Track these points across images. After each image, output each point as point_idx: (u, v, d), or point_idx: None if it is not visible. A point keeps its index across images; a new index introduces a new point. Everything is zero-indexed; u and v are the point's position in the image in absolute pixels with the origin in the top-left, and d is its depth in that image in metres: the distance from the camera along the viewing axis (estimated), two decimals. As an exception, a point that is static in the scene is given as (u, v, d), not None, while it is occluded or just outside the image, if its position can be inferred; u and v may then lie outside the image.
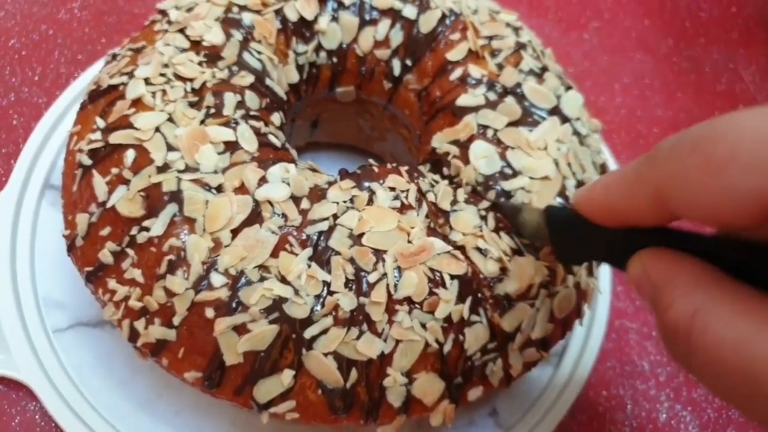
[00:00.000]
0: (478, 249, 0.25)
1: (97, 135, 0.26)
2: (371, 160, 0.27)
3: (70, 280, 0.32)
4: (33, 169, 0.34)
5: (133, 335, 0.25)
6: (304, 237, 0.24)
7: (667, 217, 0.18)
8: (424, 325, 0.23)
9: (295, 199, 0.25)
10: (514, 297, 0.24)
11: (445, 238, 0.25)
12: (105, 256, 0.25)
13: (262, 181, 0.25)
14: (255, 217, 0.24)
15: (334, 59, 0.32)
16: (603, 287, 0.34)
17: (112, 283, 0.25)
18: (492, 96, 0.29)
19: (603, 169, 0.30)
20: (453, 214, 0.25)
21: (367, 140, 0.37)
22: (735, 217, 0.16)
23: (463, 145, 0.27)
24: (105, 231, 0.25)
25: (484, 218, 0.25)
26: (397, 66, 0.32)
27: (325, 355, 0.23)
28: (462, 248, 0.25)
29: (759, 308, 0.15)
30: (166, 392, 0.30)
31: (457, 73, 0.30)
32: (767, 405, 0.15)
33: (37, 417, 0.29)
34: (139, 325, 0.24)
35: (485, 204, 0.26)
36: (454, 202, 0.26)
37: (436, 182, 0.27)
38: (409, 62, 0.31)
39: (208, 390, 0.24)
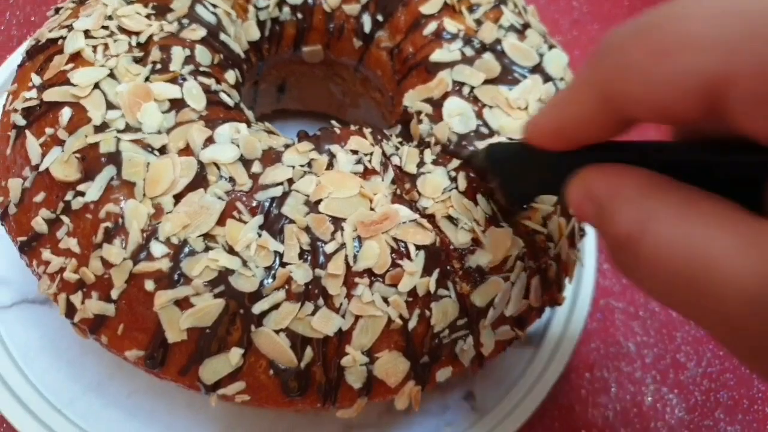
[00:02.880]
0: (449, 218, 0.22)
1: (33, 93, 0.24)
2: (333, 122, 0.25)
3: (15, 253, 0.29)
4: (-24, 135, 0.32)
5: (70, 310, 0.22)
6: (254, 203, 0.22)
7: (620, 121, 0.16)
8: (386, 300, 0.21)
9: (246, 162, 0.22)
10: (486, 270, 0.22)
11: (412, 205, 0.23)
12: (39, 224, 0.23)
13: (209, 141, 0.22)
14: (200, 181, 0.22)
15: (299, 15, 0.29)
16: (587, 263, 0.32)
17: (46, 254, 0.23)
18: (469, 51, 0.26)
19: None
20: (420, 177, 0.23)
21: (340, 107, 0.35)
22: (682, 107, 0.14)
23: (437, 103, 0.25)
24: (39, 197, 0.23)
25: (454, 179, 0.23)
26: (367, 22, 0.29)
27: (277, 332, 0.21)
28: (431, 217, 0.22)
29: (708, 208, 0.14)
30: (119, 373, 0.28)
31: (431, 27, 0.27)
32: (718, 308, 0.14)
33: (-24, 400, 0.27)
34: (76, 299, 0.22)
35: (455, 163, 0.23)
36: (421, 164, 0.23)
37: (402, 144, 0.24)
38: (380, 18, 0.29)
39: (150, 370, 0.22)
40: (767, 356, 0.14)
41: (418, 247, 0.21)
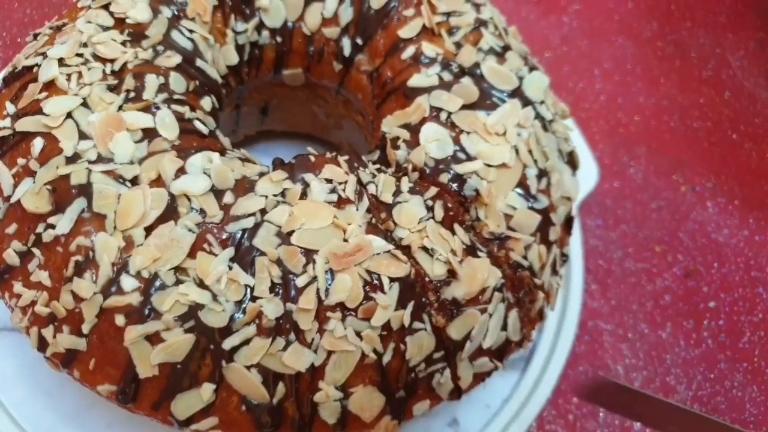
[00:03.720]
0: (425, 248, 0.22)
1: (6, 122, 0.24)
2: (309, 148, 0.25)
3: (-6, 281, 0.29)
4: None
5: (42, 344, 0.22)
6: (225, 235, 0.21)
7: None
8: (359, 334, 0.21)
9: (217, 193, 0.22)
10: (463, 302, 0.22)
11: (387, 236, 0.22)
12: (10, 256, 0.22)
13: (180, 172, 0.22)
14: (171, 213, 0.21)
15: (279, 39, 0.29)
16: (574, 284, 0.32)
17: (18, 287, 0.22)
18: (447, 76, 0.26)
19: (570, 157, 0.27)
20: (396, 206, 0.23)
21: (324, 128, 0.35)
22: None
23: (414, 129, 0.25)
24: (11, 228, 0.22)
25: (430, 209, 0.23)
26: (347, 45, 0.29)
27: (248, 367, 0.20)
28: (407, 248, 0.22)
29: None
30: (98, 403, 0.28)
31: (409, 51, 0.27)
32: None
33: (-48, 431, 0.27)
34: (47, 333, 0.22)
35: (432, 191, 0.23)
36: (397, 192, 0.23)
37: (379, 171, 0.24)
38: (359, 41, 0.29)
39: (123, 405, 0.22)
40: None
41: (392, 280, 0.21)
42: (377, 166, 0.25)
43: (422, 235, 0.22)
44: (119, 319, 0.21)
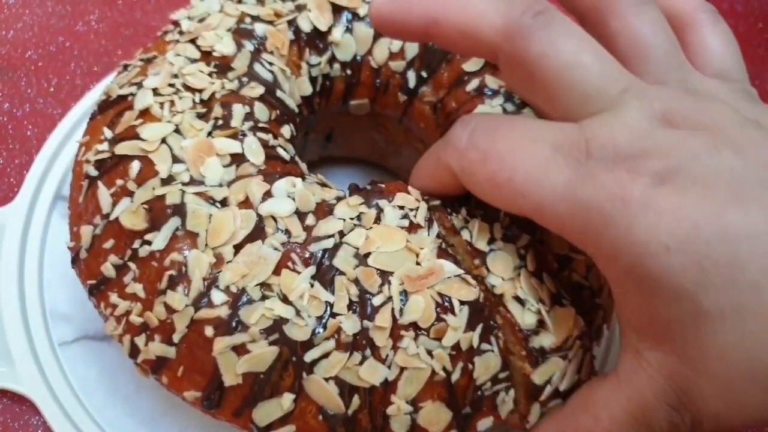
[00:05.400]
0: (517, 298, 0.23)
1: (105, 146, 0.26)
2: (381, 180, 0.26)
3: (77, 292, 0.31)
4: (44, 179, 0.34)
5: (134, 351, 0.24)
6: (307, 255, 0.23)
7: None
8: (430, 353, 0.22)
9: (300, 215, 0.24)
10: (549, 351, 0.23)
11: (456, 260, 0.24)
12: (107, 269, 0.24)
13: (267, 195, 0.24)
14: (258, 233, 0.23)
15: (348, 71, 0.31)
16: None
17: (113, 297, 0.24)
18: (510, 107, 0.27)
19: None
20: (491, 254, 0.23)
21: (382, 154, 0.36)
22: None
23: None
24: (108, 244, 0.24)
25: (523, 257, 0.23)
26: (412, 78, 0.31)
27: (326, 379, 0.22)
28: (500, 296, 0.23)
29: None
30: (172, 410, 0.29)
31: (473, 84, 0.29)
32: None
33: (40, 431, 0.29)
34: (140, 341, 0.24)
35: (525, 240, 0.24)
36: (492, 240, 0.24)
37: (472, 217, 0.24)
38: (424, 74, 0.31)
39: (207, 410, 0.23)
40: None
41: (462, 303, 0.22)
42: (465, 209, 0.25)
43: (515, 284, 0.23)
44: (208, 331, 0.22)
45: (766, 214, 0.17)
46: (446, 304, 0.22)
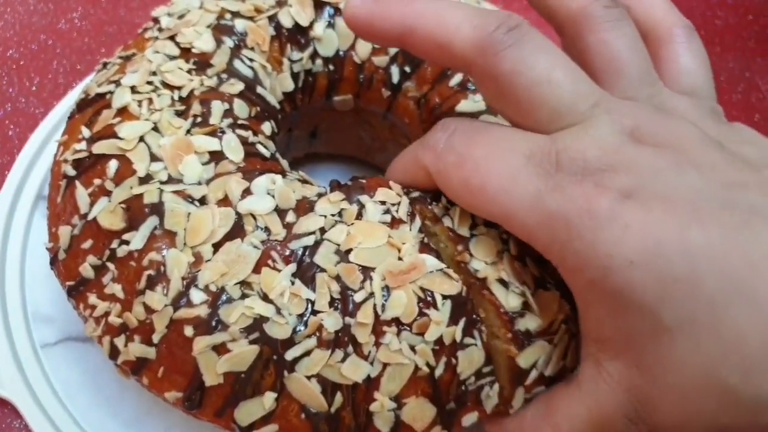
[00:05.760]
0: (501, 281, 0.23)
1: (82, 145, 0.26)
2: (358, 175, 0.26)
3: (60, 293, 0.31)
4: (26, 179, 0.34)
5: (114, 352, 0.24)
6: (287, 252, 0.23)
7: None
8: (413, 348, 0.22)
9: (280, 212, 0.24)
10: (534, 334, 0.23)
11: (439, 255, 0.23)
12: (86, 270, 0.24)
13: (246, 192, 0.24)
14: (237, 231, 0.23)
15: (331, 67, 0.31)
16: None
17: (92, 298, 0.24)
18: (492, 103, 0.27)
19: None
20: (473, 239, 0.23)
21: (368, 151, 0.36)
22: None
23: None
24: (86, 244, 0.24)
25: (506, 242, 0.23)
26: (395, 73, 0.30)
27: (308, 378, 0.22)
28: (483, 280, 0.23)
29: None
30: (156, 410, 0.29)
31: (456, 78, 0.28)
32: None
33: (21, 434, 0.29)
34: (119, 342, 0.23)
35: None
36: (474, 225, 0.23)
37: (452, 204, 0.24)
38: (407, 69, 0.30)
39: (188, 411, 0.23)
40: None
41: (444, 297, 0.22)
42: (445, 197, 0.24)
43: (498, 267, 0.23)
44: (188, 330, 0.22)
45: (724, 234, 0.17)
46: (429, 298, 0.22)
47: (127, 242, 0.23)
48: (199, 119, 0.26)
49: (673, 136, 0.20)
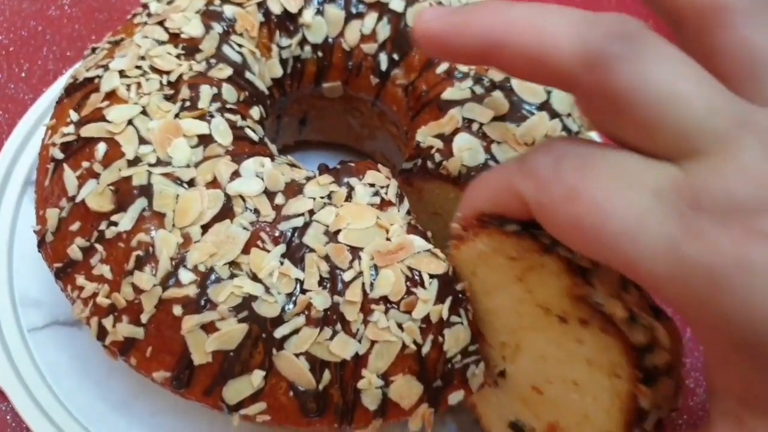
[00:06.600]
0: (630, 314, 0.20)
1: (70, 128, 0.26)
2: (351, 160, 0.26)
3: (48, 277, 0.31)
4: (14, 165, 0.34)
5: (102, 333, 0.24)
6: (277, 233, 0.23)
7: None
8: (400, 326, 0.22)
9: (269, 194, 0.24)
10: (662, 370, 0.21)
11: (426, 235, 0.24)
12: (74, 251, 0.24)
13: (235, 175, 0.24)
14: (226, 212, 0.23)
15: (320, 53, 0.31)
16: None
17: (80, 280, 0.24)
18: (479, 90, 0.28)
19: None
20: (596, 270, 0.21)
21: (358, 138, 0.36)
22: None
23: (448, 139, 0.26)
24: (74, 226, 0.24)
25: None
26: (384, 60, 0.31)
27: (297, 355, 0.22)
28: (610, 315, 0.21)
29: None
30: (143, 393, 0.29)
31: (443, 66, 0.29)
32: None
33: (8, 417, 0.28)
34: (107, 322, 0.23)
35: None
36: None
37: None
38: (396, 56, 0.31)
39: (176, 390, 0.23)
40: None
41: (431, 276, 0.23)
42: None
43: (625, 300, 0.20)
44: (177, 310, 0.22)
45: None
46: (416, 277, 0.22)
47: (115, 223, 0.23)
48: (187, 103, 0.26)
49: None
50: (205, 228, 0.23)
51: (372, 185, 0.25)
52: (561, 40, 0.17)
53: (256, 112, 0.27)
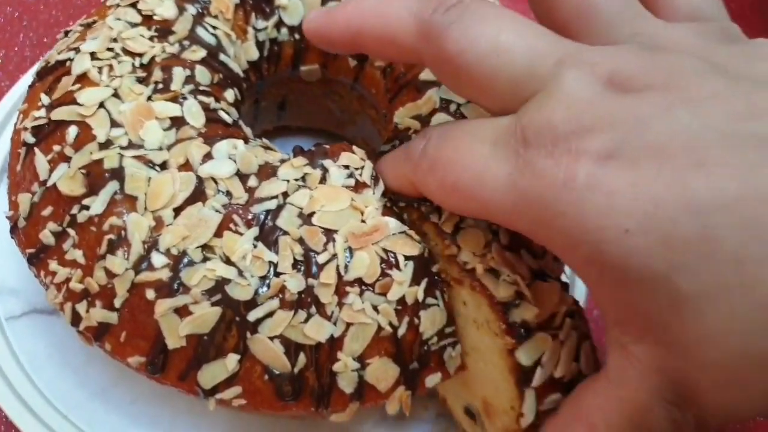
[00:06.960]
0: (491, 270, 0.22)
1: (42, 112, 0.25)
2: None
3: (24, 265, 0.30)
4: (-11, 152, 0.33)
5: (76, 319, 0.24)
6: (250, 216, 0.23)
7: None
8: (376, 308, 0.22)
9: (242, 177, 0.23)
10: (532, 326, 0.21)
11: (402, 218, 0.24)
12: (46, 236, 0.24)
13: (207, 157, 0.23)
14: (198, 195, 0.23)
15: (297, 36, 0.30)
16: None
17: (53, 265, 0.24)
18: (456, 71, 0.27)
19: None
20: (460, 231, 0.22)
21: (338, 123, 0.36)
22: None
23: (425, 120, 0.26)
24: (46, 211, 0.24)
25: (495, 233, 0.22)
26: (361, 42, 0.30)
27: (271, 339, 0.22)
28: (472, 271, 0.22)
29: None
30: (122, 380, 0.29)
31: (421, 47, 0.28)
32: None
33: (-15, 407, 0.28)
34: (81, 308, 0.23)
35: None
36: (462, 219, 0.22)
37: None
38: (373, 38, 0.30)
39: (152, 375, 0.23)
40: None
41: (406, 258, 0.22)
42: None
43: (487, 258, 0.22)
44: (149, 294, 0.22)
45: (735, 177, 0.15)
46: (391, 259, 0.22)
47: (87, 207, 0.23)
48: (160, 85, 0.25)
49: (660, 74, 0.17)
50: (177, 211, 0.23)
51: (347, 167, 0.24)
52: (400, 19, 0.20)
53: (230, 94, 0.27)
